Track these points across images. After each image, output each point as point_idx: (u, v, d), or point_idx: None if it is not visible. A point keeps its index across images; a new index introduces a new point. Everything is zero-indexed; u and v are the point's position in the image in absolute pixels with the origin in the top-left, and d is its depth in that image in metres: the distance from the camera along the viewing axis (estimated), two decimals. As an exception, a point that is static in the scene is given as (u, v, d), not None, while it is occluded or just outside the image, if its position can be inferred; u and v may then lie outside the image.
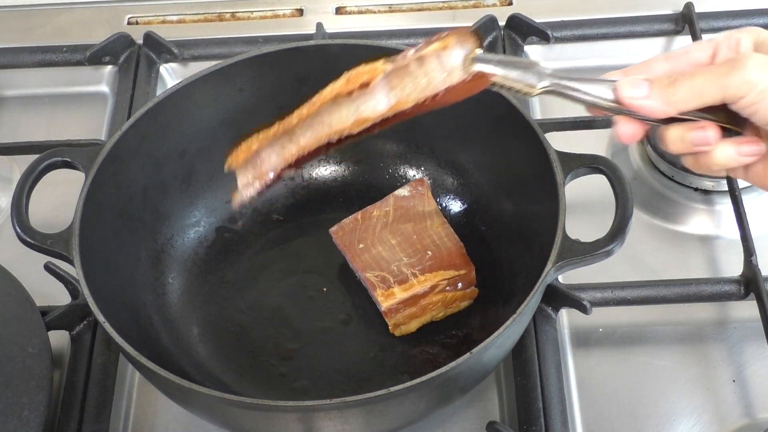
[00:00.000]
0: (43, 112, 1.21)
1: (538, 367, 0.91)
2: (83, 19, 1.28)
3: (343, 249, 0.98)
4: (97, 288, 0.83)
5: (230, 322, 0.98)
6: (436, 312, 0.94)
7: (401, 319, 0.93)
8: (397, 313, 0.93)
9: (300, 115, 0.81)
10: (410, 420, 0.84)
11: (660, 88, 0.70)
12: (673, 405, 0.92)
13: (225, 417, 0.83)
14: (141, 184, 0.96)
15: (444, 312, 0.95)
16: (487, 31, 1.20)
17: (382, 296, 0.93)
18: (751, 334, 0.95)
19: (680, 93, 0.70)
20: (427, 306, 0.94)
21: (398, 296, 0.92)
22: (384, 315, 0.93)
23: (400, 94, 0.76)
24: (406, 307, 0.93)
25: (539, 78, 0.74)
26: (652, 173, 1.08)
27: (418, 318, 0.94)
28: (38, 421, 0.85)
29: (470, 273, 0.94)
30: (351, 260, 0.97)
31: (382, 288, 0.93)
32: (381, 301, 0.93)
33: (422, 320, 0.94)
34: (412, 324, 0.94)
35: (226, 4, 1.29)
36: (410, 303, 0.93)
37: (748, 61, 0.68)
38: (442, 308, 0.94)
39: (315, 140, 0.80)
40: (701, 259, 1.02)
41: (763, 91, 0.68)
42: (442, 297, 0.93)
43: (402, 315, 0.93)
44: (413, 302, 0.93)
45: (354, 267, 0.97)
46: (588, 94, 0.73)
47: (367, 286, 0.95)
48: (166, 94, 0.96)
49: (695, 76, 0.70)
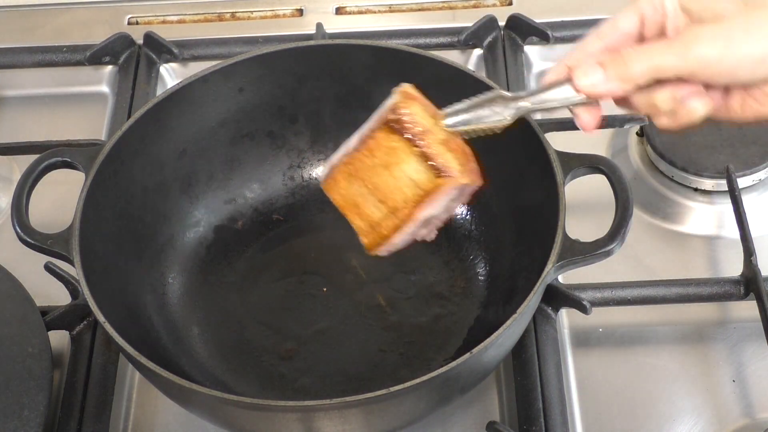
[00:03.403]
0: (43, 112, 1.21)
1: (538, 367, 0.91)
2: (83, 19, 1.28)
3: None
4: (97, 288, 0.83)
5: (230, 322, 0.98)
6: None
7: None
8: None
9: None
10: (410, 420, 0.84)
11: (614, 67, 0.72)
12: (673, 405, 0.92)
13: (225, 417, 0.83)
14: (141, 184, 0.96)
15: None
16: (487, 31, 1.20)
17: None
18: (751, 334, 0.95)
19: (638, 70, 0.71)
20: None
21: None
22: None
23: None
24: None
25: (506, 107, 0.76)
26: (652, 173, 1.08)
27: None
28: (38, 421, 0.85)
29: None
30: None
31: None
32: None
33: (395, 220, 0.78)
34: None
35: (226, 4, 1.29)
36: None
37: (700, 37, 0.70)
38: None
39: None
40: (701, 259, 1.02)
41: (718, 63, 0.70)
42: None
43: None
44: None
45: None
46: (553, 101, 0.75)
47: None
48: (166, 94, 0.96)
49: (651, 53, 0.71)
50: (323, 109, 1.03)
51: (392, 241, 0.79)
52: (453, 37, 1.20)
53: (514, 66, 1.16)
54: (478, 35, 1.20)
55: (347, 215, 0.80)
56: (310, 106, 1.03)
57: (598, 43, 0.75)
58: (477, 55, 1.20)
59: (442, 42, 1.20)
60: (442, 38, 1.20)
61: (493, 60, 1.17)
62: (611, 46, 0.75)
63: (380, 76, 0.99)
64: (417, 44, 1.16)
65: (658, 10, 0.74)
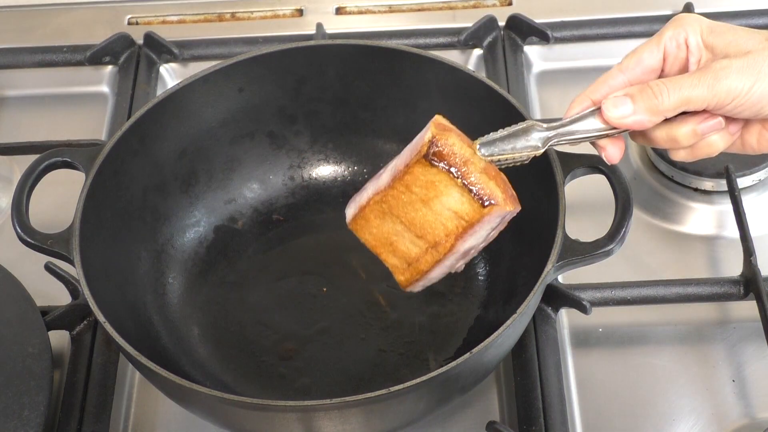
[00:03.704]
0: (43, 112, 1.21)
1: (538, 367, 0.91)
2: (83, 19, 1.28)
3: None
4: (97, 288, 0.83)
5: (230, 322, 0.98)
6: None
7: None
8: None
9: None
10: (410, 420, 0.84)
11: (644, 100, 0.74)
12: (673, 405, 0.92)
13: (225, 417, 0.83)
14: (141, 184, 0.96)
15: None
16: (487, 31, 1.20)
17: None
18: (751, 334, 0.95)
19: (667, 102, 0.73)
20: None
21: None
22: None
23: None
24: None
25: (539, 137, 0.77)
26: (651, 173, 1.08)
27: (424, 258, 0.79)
28: (38, 421, 0.85)
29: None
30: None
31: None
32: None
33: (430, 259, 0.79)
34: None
35: (226, 4, 1.29)
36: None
37: (729, 70, 0.72)
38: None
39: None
40: (701, 259, 1.02)
41: (745, 96, 0.72)
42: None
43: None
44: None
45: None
46: (585, 132, 0.77)
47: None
48: (166, 94, 0.96)
49: (681, 86, 0.73)
50: (323, 109, 1.03)
51: (429, 276, 0.79)
52: (453, 37, 1.20)
53: (514, 66, 1.16)
54: (478, 35, 1.20)
55: (380, 255, 0.80)
56: (310, 106, 1.03)
57: (621, 77, 0.77)
58: (477, 55, 1.20)
59: (442, 42, 1.20)
60: (442, 38, 1.20)
61: (493, 60, 1.17)
62: (634, 80, 0.76)
63: (380, 76, 0.99)
64: (417, 44, 1.16)
65: (681, 47, 0.76)
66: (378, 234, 0.79)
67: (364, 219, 0.79)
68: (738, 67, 0.72)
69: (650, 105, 0.73)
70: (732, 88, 0.72)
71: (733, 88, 0.72)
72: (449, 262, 0.78)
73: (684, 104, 0.73)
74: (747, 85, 0.72)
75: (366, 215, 0.79)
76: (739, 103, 0.73)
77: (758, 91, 0.72)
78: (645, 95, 0.74)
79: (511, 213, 0.77)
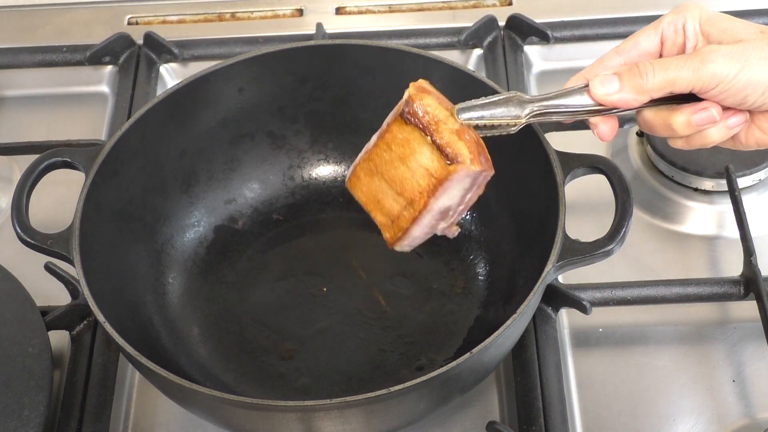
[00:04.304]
0: (43, 112, 1.21)
1: (538, 367, 0.91)
2: (83, 19, 1.28)
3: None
4: (97, 288, 0.83)
5: (230, 322, 0.98)
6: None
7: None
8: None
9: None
10: (410, 420, 0.84)
11: (630, 79, 0.75)
12: (673, 405, 0.92)
13: (225, 417, 0.83)
14: (141, 184, 0.96)
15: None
16: (487, 31, 1.20)
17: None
18: (751, 334, 0.95)
19: (652, 82, 0.74)
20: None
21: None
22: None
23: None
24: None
25: (521, 107, 0.78)
26: (652, 173, 1.08)
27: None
28: (38, 421, 0.85)
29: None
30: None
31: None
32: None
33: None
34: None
35: (226, 4, 1.29)
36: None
37: (716, 55, 0.73)
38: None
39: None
40: (701, 259, 1.02)
41: (730, 81, 0.73)
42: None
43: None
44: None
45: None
46: (569, 106, 0.77)
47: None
48: (166, 94, 0.96)
49: (668, 66, 0.74)
50: (323, 109, 1.03)
51: (411, 234, 0.80)
52: (453, 37, 1.20)
53: (514, 66, 1.16)
54: (478, 35, 1.20)
55: (370, 212, 0.81)
56: (310, 106, 1.03)
57: (618, 59, 0.78)
58: (477, 55, 1.20)
59: (442, 42, 1.20)
60: (442, 38, 1.20)
61: (493, 60, 1.17)
62: (630, 62, 0.77)
63: (380, 76, 0.99)
64: (417, 44, 1.16)
65: (679, 32, 0.77)
66: (368, 191, 0.81)
67: (356, 177, 0.81)
68: (726, 53, 0.73)
69: (636, 84, 0.74)
70: (717, 73, 0.72)
71: (719, 73, 0.72)
72: (427, 220, 0.79)
73: (669, 85, 0.74)
74: (733, 71, 0.72)
75: (357, 173, 0.81)
76: (723, 89, 0.73)
77: (743, 79, 0.73)
78: (631, 74, 0.75)
79: (483, 175, 0.78)
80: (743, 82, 0.73)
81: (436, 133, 0.76)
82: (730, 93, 0.74)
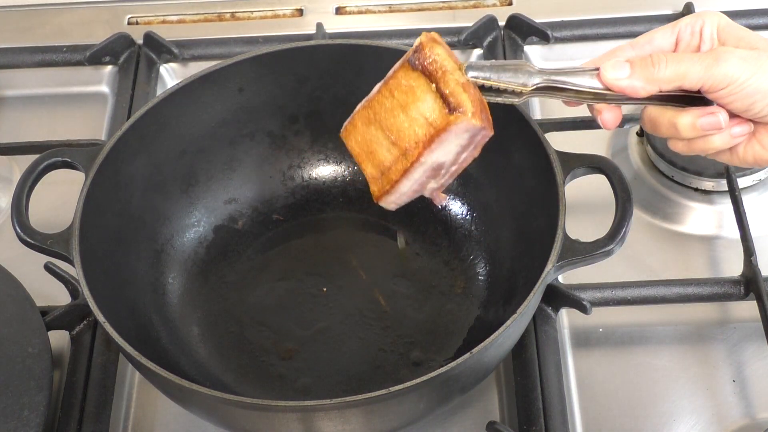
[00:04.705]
0: (43, 112, 1.21)
1: (538, 367, 0.91)
2: (83, 19, 1.28)
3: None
4: (97, 288, 0.83)
5: (230, 322, 0.98)
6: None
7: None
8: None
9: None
10: (410, 420, 0.84)
11: (642, 67, 0.75)
12: (673, 405, 0.92)
13: (225, 417, 0.83)
14: (141, 184, 0.96)
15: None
16: (487, 31, 1.20)
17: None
18: (751, 334, 0.95)
19: (663, 73, 0.74)
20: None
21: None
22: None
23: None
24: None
25: (530, 76, 0.77)
26: (652, 173, 1.08)
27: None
28: (38, 421, 0.85)
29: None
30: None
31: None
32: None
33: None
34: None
35: (226, 4, 1.29)
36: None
37: (731, 56, 0.73)
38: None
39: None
40: (701, 259, 1.02)
41: (741, 84, 0.73)
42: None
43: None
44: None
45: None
46: (576, 85, 0.76)
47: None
48: (166, 94, 0.96)
49: (681, 60, 0.74)
50: (323, 109, 1.03)
51: (399, 189, 0.79)
52: (453, 37, 1.20)
53: (515, 66, 1.16)
54: (478, 35, 1.20)
55: (360, 164, 0.80)
56: (310, 106, 1.03)
57: (631, 51, 0.78)
58: (477, 55, 1.20)
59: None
60: (442, 38, 1.20)
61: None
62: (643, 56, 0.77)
63: (380, 76, 0.99)
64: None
65: (695, 35, 0.78)
66: (362, 141, 0.80)
67: (353, 125, 0.80)
68: (741, 56, 0.73)
69: (647, 72, 0.74)
70: (729, 74, 0.73)
71: (731, 74, 0.73)
72: (417, 174, 0.77)
73: (679, 78, 0.74)
74: (745, 75, 0.73)
75: (354, 121, 0.80)
76: (732, 90, 0.73)
77: (754, 84, 0.73)
78: (644, 63, 0.75)
79: (482, 134, 0.76)
80: (753, 88, 0.73)
81: (441, 81, 0.75)
82: (739, 97, 0.74)
